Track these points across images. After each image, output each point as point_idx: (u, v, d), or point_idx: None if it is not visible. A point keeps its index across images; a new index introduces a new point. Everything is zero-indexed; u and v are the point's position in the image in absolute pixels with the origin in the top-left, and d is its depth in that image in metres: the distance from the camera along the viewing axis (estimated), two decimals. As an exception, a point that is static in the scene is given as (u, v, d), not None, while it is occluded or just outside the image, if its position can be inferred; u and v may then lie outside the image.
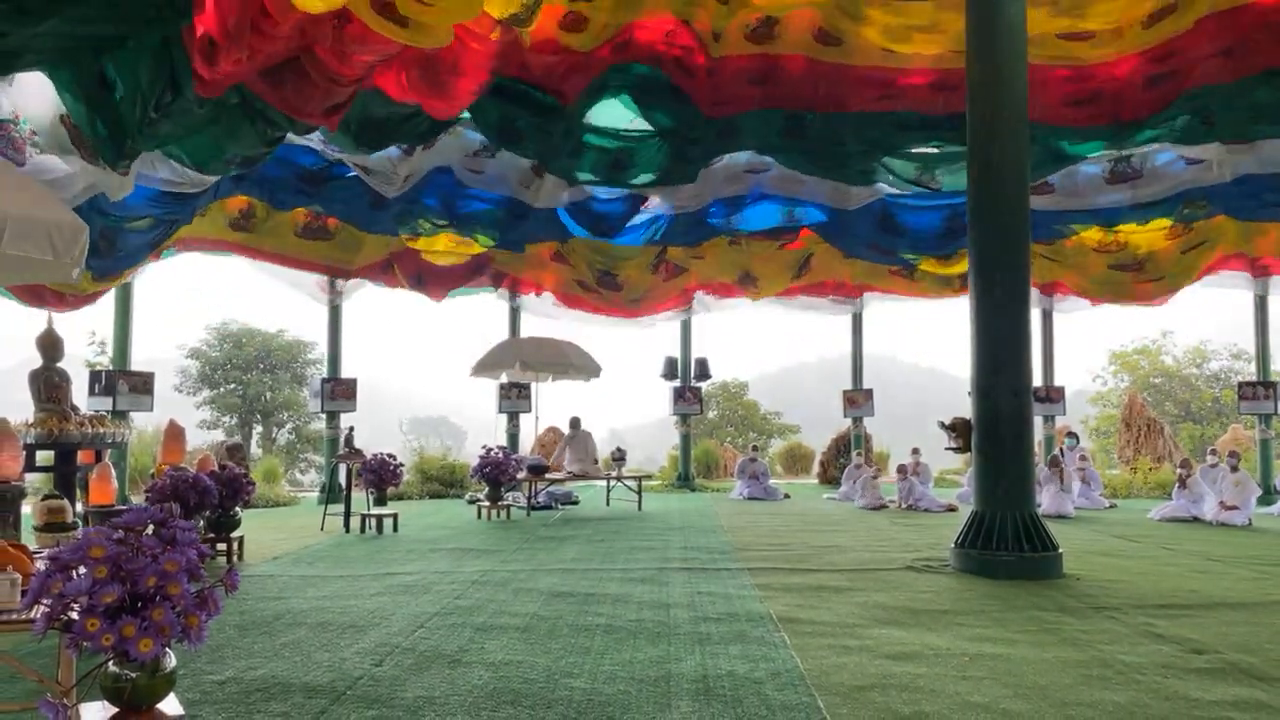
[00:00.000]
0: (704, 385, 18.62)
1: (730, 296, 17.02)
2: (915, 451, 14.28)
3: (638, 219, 14.74)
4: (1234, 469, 11.77)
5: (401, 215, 13.43)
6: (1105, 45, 10.54)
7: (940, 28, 10.39)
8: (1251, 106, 10.69)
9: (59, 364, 8.15)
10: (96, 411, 9.89)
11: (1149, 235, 14.71)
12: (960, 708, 3.69)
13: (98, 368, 13.09)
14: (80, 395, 10.78)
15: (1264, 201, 12.94)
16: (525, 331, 16.31)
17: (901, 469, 13.91)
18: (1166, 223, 14.37)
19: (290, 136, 9.94)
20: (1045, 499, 12.43)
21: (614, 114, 11.87)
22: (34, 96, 7.40)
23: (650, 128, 12.06)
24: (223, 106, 7.94)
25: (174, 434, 8.57)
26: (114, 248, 10.54)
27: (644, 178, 12.93)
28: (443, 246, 14.23)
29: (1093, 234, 14.78)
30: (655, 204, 14.53)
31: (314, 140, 11.25)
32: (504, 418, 16.36)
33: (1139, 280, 15.25)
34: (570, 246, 15.27)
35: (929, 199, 13.84)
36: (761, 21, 10.77)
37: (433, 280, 15.09)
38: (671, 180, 13.21)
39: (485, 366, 13.42)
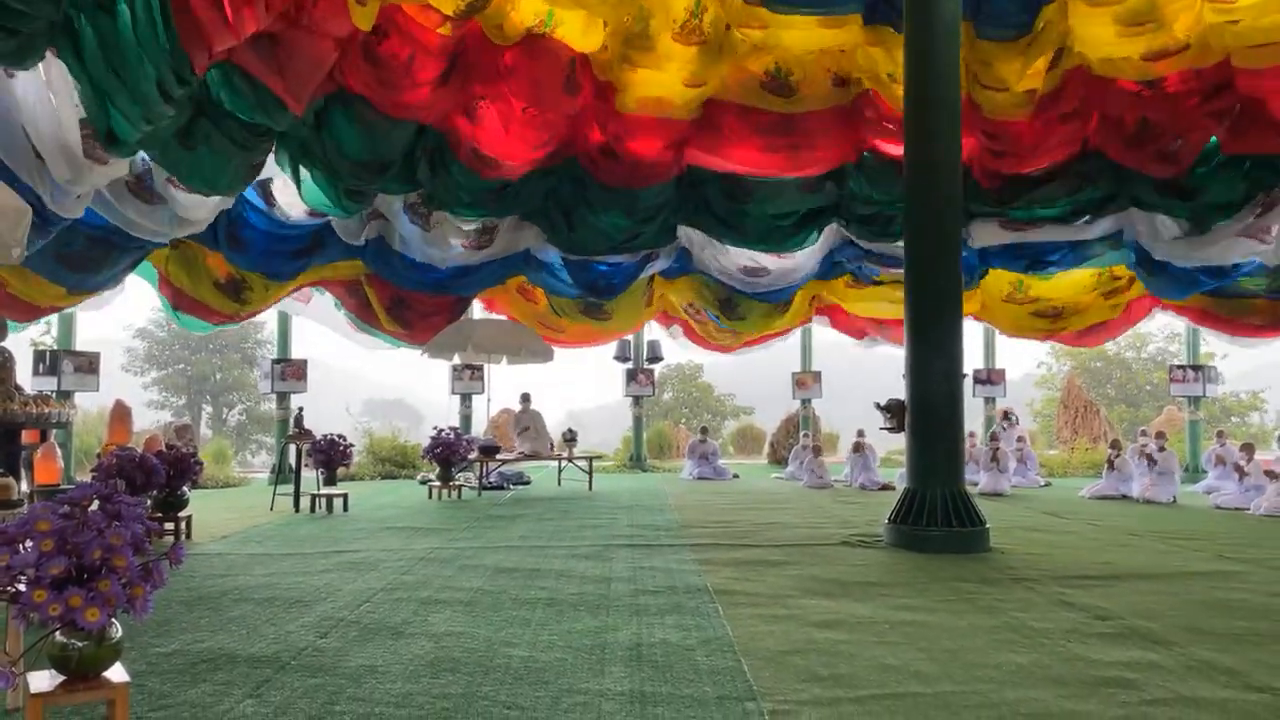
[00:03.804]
0: (656, 367, 18.81)
1: (706, 346, 17.16)
2: (860, 434, 14.61)
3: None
4: (1160, 449, 12.26)
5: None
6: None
7: None
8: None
9: (2, 344, 8.10)
10: (41, 391, 9.83)
11: (1068, 290, 15.20)
12: (874, 670, 3.94)
13: (42, 347, 12.91)
14: (25, 375, 10.69)
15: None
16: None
17: (858, 446, 14.22)
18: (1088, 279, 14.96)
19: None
20: (982, 478, 12.86)
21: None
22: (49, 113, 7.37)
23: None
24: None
25: (120, 414, 8.58)
26: (102, 266, 10.67)
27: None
28: None
29: (1001, 285, 15.24)
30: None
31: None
32: (457, 399, 16.41)
33: (1057, 326, 15.82)
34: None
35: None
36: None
37: (416, 313, 14.64)
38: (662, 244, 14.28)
39: (437, 347, 13.46)
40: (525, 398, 14.13)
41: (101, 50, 6.89)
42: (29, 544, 2.97)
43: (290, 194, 11.43)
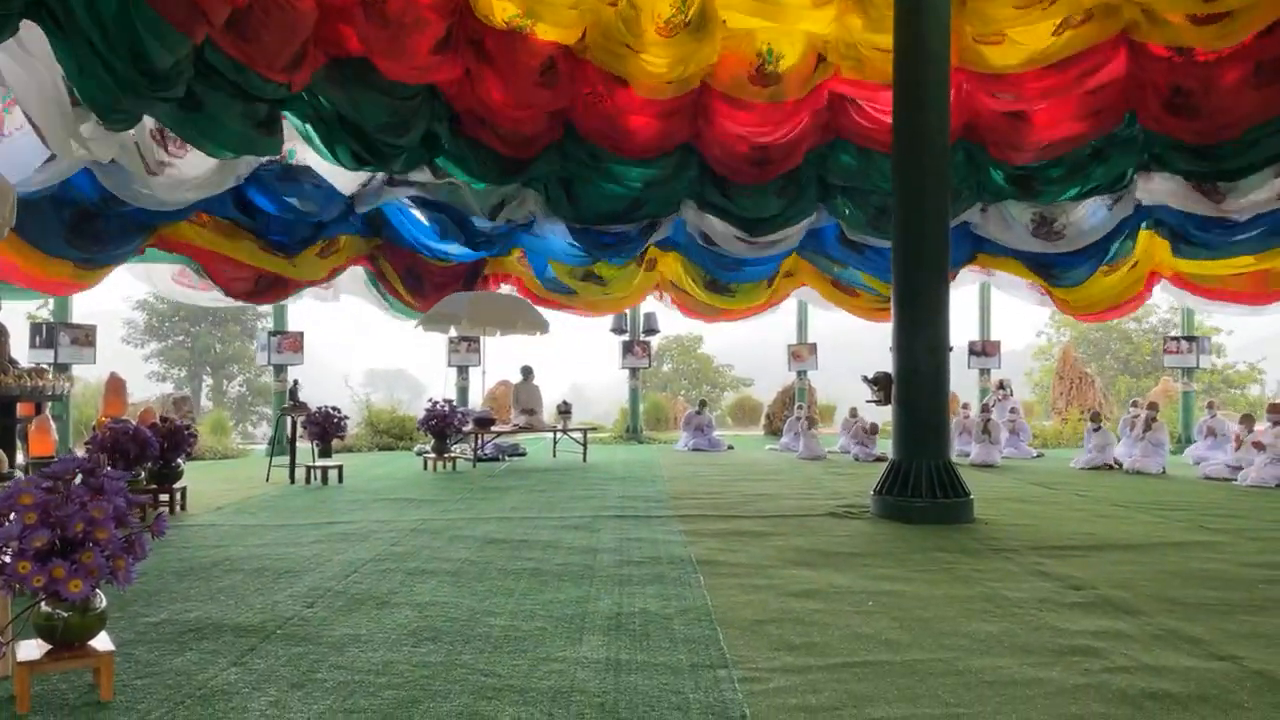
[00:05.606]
0: (654, 339, 18.87)
1: (697, 318, 17.33)
2: (853, 412, 14.65)
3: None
4: (1153, 419, 12.33)
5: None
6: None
7: None
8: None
9: (-4, 318, 8.15)
10: (37, 364, 9.89)
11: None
12: (847, 638, 4.02)
13: (39, 320, 12.98)
14: (21, 348, 10.77)
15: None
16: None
17: (874, 428, 14.28)
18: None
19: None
20: (974, 449, 12.95)
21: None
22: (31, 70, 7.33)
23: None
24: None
25: (115, 387, 8.64)
26: (103, 243, 10.73)
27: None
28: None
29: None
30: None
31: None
32: (454, 371, 16.49)
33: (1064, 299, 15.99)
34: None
35: None
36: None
37: (430, 284, 14.80)
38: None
39: (433, 320, 13.49)
40: (526, 371, 14.18)
41: (99, 26, 6.94)
42: (13, 517, 3.05)
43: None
